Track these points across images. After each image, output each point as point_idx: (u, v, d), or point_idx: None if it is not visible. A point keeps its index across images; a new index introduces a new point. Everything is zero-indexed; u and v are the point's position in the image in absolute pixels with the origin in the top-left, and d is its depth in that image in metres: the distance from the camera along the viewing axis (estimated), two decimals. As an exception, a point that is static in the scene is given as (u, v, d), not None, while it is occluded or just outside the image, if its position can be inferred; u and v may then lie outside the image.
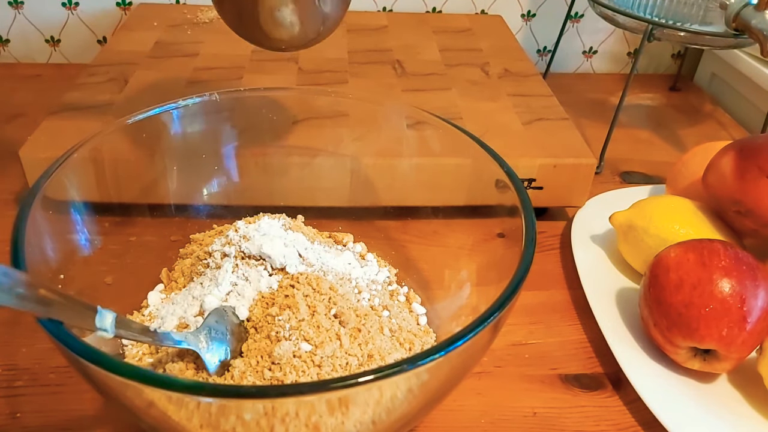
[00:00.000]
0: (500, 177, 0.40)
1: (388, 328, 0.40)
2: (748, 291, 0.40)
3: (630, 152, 0.71)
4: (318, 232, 0.48)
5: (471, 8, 0.86)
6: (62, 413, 0.39)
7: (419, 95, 0.63)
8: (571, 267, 0.53)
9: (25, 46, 0.82)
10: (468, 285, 0.43)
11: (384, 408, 0.29)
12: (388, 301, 0.43)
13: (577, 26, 0.88)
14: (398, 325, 0.41)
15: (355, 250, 0.48)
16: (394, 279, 0.47)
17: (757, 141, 0.48)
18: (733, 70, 0.81)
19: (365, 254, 0.48)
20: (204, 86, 0.62)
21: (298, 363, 0.35)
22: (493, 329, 0.31)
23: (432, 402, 0.34)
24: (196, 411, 0.27)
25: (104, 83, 0.61)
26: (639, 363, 0.43)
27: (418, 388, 0.30)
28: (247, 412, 0.27)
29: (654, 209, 0.50)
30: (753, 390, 0.42)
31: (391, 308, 0.42)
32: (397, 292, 0.46)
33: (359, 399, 0.28)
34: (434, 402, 0.34)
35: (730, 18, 0.57)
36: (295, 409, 0.27)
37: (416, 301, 0.45)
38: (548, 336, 0.48)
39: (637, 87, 0.85)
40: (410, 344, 0.40)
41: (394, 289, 0.46)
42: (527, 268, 0.33)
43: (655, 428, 0.40)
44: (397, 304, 0.44)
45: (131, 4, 0.82)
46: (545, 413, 0.42)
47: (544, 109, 0.62)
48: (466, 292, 0.43)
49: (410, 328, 0.41)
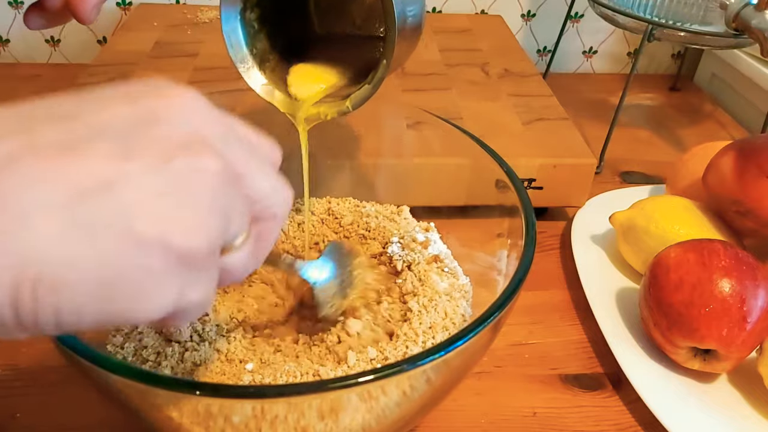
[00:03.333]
0: (500, 177, 0.40)
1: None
2: (748, 291, 0.40)
3: (630, 152, 0.71)
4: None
5: (471, 8, 0.86)
6: (62, 413, 0.39)
7: (419, 95, 0.63)
8: (571, 267, 0.53)
9: (25, 46, 0.82)
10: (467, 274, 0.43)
11: (383, 408, 0.29)
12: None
13: (577, 26, 0.88)
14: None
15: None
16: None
17: (757, 141, 0.48)
18: (733, 70, 0.81)
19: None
20: (204, 86, 0.62)
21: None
22: (493, 329, 0.31)
23: (432, 402, 0.34)
24: (195, 411, 0.27)
25: (104, 83, 0.61)
26: (639, 363, 0.43)
27: (418, 388, 0.30)
28: (235, 415, 0.27)
29: (654, 209, 0.50)
30: (753, 390, 0.42)
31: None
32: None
33: (361, 398, 0.28)
34: (434, 402, 0.34)
35: (730, 18, 0.57)
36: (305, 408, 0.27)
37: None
38: (548, 336, 0.48)
39: (637, 87, 0.85)
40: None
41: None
42: (527, 268, 0.33)
43: (655, 428, 0.40)
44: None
45: (131, 4, 0.82)
46: (545, 413, 0.42)
47: (544, 109, 0.62)
48: (466, 280, 0.43)
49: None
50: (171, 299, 0.19)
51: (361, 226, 0.46)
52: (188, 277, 0.19)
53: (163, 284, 0.19)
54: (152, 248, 0.18)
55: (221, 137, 0.20)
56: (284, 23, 0.43)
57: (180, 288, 0.19)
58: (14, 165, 0.17)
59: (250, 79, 0.41)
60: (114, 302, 0.18)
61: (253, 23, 0.41)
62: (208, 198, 0.19)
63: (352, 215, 0.47)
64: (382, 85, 0.38)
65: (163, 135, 0.19)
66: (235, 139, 0.21)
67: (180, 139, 0.19)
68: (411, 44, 0.40)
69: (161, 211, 0.18)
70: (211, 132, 0.20)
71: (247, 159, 0.21)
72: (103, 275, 0.17)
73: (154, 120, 0.19)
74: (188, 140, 0.19)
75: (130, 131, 0.18)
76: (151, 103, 0.19)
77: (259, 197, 0.22)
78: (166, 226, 0.18)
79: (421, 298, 0.39)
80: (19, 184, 0.16)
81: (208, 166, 0.19)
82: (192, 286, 0.20)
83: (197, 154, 0.19)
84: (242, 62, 0.41)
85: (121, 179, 0.17)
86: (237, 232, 0.22)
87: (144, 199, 0.18)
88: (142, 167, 0.18)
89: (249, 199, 0.22)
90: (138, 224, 0.18)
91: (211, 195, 0.19)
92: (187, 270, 0.19)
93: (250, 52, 0.41)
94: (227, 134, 0.21)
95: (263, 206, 0.22)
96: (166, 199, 0.18)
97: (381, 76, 0.37)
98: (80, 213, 0.17)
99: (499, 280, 0.38)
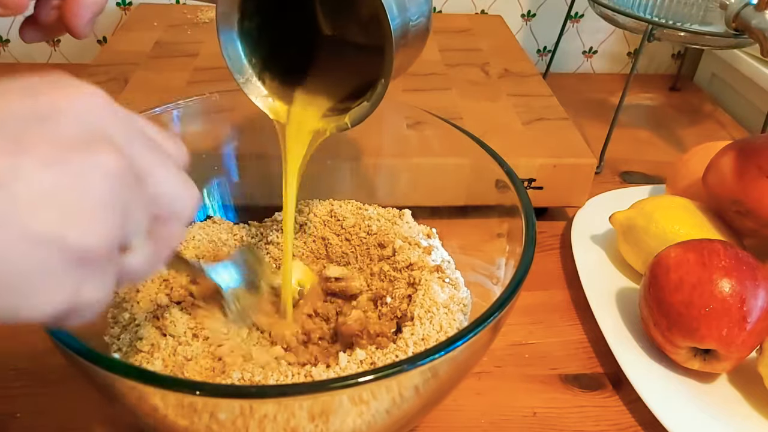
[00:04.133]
0: (500, 177, 0.40)
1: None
2: (748, 291, 0.40)
3: (630, 152, 0.71)
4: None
5: (471, 8, 0.86)
6: (62, 413, 0.39)
7: (419, 95, 0.63)
8: (571, 267, 0.53)
9: (25, 46, 0.82)
10: (468, 285, 0.43)
11: (383, 408, 0.29)
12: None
13: (577, 26, 0.88)
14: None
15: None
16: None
17: (757, 141, 0.48)
18: (733, 70, 0.81)
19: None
20: (204, 86, 0.62)
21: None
22: (493, 329, 0.31)
23: (432, 402, 0.34)
24: (180, 405, 0.27)
25: (104, 83, 0.61)
26: (639, 363, 0.43)
27: (418, 388, 0.30)
28: (221, 412, 0.27)
29: (654, 209, 0.50)
30: (753, 390, 0.42)
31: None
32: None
33: (363, 397, 0.28)
34: (434, 402, 0.34)
35: (730, 18, 0.57)
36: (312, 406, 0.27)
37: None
38: (548, 336, 0.48)
39: (637, 87, 0.85)
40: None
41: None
42: (527, 268, 0.33)
43: (655, 428, 0.40)
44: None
45: (131, 4, 0.82)
46: (545, 413, 0.42)
47: (544, 109, 0.62)
48: (466, 293, 0.43)
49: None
50: (65, 297, 0.19)
51: (363, 228, 0.46)
52: (83, 275, 0.19)
53: (57, 282, 0.18)
54: (47, 245, 0.18)
55: (123, 135, 0.20)
56: (286, 29, 0.42)
57: (75, 286, 0.19)
58: None
59: (250, 90, 0.40)
60: (5, 298, 0.18)
61: (252, 32, 0.39)
62: (105, 196, 0.19)
63: (354, 217, 0.47)
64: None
65: (62, 131, 0.18)
66: (139, 137, 0.21)
67: (79, 136, 0.19)
68: (416, 51, 0.38)
69: (56, 208, 0.18)
70: (113, 129, 0.20)
71: (150, 158, 0.21)
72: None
73: (54, 115, 0.19)
74: (88, 137, 0.19)
75: (27, 126, 0.18)
76: (51, 98, 0.19)
77: (160, 197, 0.22)
78: (62, 223, 0.18)
79: (418, 308, 0.39)
80: None
81: (107, 163, 0.19)
82: (87, 284, 0.19)
83: (96, 150, 0.19)
84: (240, 73, 0.39)
85: (10, 176, 0.17)
86: (135, 231, 0.21)
87: (38, 195, 0.17)
88: (37, 163, 0.18)
89: (150, 198, 0.21)
90: (32, 221, 0.17)
91: (109, 193, 0.19)
92: (82, 268, 0.19)
93: (249, 63, 0.39)
94: (129, 132, 0.21)
95: (165, 206, 0.22)
96: (61, 195, 0.18)
97: (380, 94, 0.36)
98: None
99: (497, 291, 0.38)
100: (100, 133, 0.19)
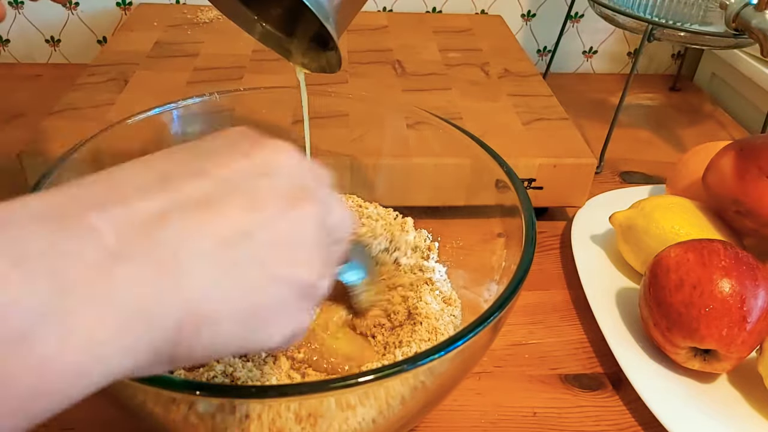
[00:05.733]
0: (500, 177, 0.40)
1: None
2: (748, 291, 0.40)
3: (630, 152, 0.71)
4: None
5: (471, 8, 0.86)
6: (62, 413, 0.39)
7: (419, 95, 0.63)
8: (571, 267, 0.53)
9: (25, 46, 0.82)
10: (468, 286, 0.43)
11: (383, 407, 0.29)
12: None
13: (577, 26, 0.88)
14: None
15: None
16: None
17: (757, 141, 0.48)
18: (733, 70, 0.81)
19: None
20: (204, 86, 0.62)
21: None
22: (493, 329, 0.31)
23: (432, 402, 0.34)
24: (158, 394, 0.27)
25: (104, 83, 0.61)
26: (639, 363, 0.43)
27: (418, 388, 0.30)
28: (199, 404, 0.27)
29: (654, 209, 0.50)
30: (753, 390, 0.42)
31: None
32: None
33: (364, 397, 0.28)
34: (434, 402, 0.34)
35: (730, 18, 0.57)
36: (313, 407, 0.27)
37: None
38: (548, 336, 0.48)
39: (637, 87, 0.85)
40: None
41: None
42: (527, 268, 0.33)
43: (655, 428, 0.40)
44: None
45: (131, 4, 0.82)
46: (545, 413, 0.42)
47: (544, 109, 0.62)
48: (466, 293, 0.43)
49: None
50: (294, 326, 0.23)
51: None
52: (306, 306, 0.23)
53: (289, 313, 0.22)
54: (284, 283, 0.22)
55: (314, 183, 0.24)
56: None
57: (300, 316, 0.23)
58: (165, 221, 0.19)
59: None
60: (255, 331, 0.21)
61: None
62: (316, 237, 0.23)
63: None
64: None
65: (277, 186, 0.22)
66: (318, 180, 0.25)
67: (290, 190, 0.22)
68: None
69: (287, 251, 0.22)
70: (308, 180, 0.24)
71: (326, 196, 0.24)
72: (248, 308, 0.21)
73: (268, 173, 0.22)
74: (296, 190, 0.23)
75: (252, 184, 0.22)
76: (263, 157, 0.23)
77: (338, 225, 0.25)
78: (293, 263, 0.22)
79: (409, 321, 0.39)
80: (172, 237, 0.19)
81: (314, 211, 0.23)
82: (305, 313, 0.23)
83: (303, 201, 0.23)
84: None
85: (255, 228, 0.21)
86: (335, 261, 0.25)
87: (274, 242, 0.21)
88: (269, 217, 0.21)
89: (331, 228, 0.24)
90: (272, 264, 0.21)
91: (318, 235, 0.23)
92: (305, 300, 0.23)
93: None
94: (315, 179, 0.24)
95: (340, 231, 0.25)
96: (288, 241, 0.22)
97: (337, 46, 0.37)
98: (226, 258, 0.20)
99: (497, 291, 0.38)
100: (301, 185, 0.23)
